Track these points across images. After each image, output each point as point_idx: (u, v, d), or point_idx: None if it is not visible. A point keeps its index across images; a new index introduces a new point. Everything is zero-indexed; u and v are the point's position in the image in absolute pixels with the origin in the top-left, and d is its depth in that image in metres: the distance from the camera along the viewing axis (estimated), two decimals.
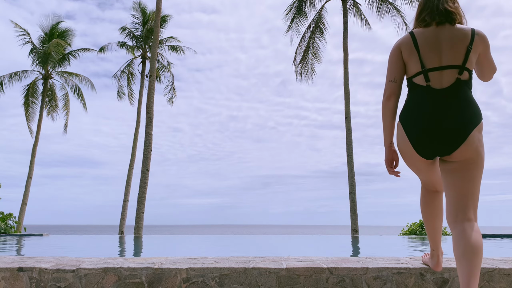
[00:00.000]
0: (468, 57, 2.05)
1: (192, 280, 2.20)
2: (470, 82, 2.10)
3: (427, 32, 2.12)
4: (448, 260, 2.49)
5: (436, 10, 2.14)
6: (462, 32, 2.08)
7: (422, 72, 2.09)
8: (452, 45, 2.06)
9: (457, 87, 2.04)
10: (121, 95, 25.46)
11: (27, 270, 2.24)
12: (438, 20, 2.12)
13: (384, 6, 18.00)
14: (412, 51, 2.12)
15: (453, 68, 2.05)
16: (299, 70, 19.32)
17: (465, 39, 2.06)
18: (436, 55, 2.07)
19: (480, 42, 2.08)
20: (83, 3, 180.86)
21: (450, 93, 2.03)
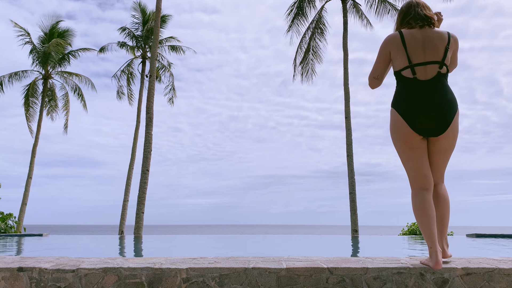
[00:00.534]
0: (446, 55, 2.50)
1: (192, 280, 2.20)
2: (447, 75, 2.56)
3: (413, 32, 2.54)
4: (448, 260, 2.48)
5: (418, 16, 2.60)
6: (441, 34, 2.54)
7: (410, 67, 2.50)
8: (433, 45, 2.50)
9: (438, 79, 2.49)
10: (120, 95, 25.46)
11: (27, 270, 2.24)
12: (420, 23, 2.57)
13: (383, 6, 18.00)
14: (400, 48, 2.53)
15: (435, 63, 2.48)
16: (299, 70, 19.32)
17: (444, 40, 2.52)
18: (421, 52, 2.49)
19: (454, 43, 2.57)
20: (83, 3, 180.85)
21: (433, 84, 2.47)
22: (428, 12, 2.61)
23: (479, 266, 2.25)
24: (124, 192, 22.31)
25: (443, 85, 2.49)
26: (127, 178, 22.50)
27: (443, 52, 2.49)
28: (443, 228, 2.51)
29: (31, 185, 22.57)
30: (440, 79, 2.48)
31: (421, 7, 2.64)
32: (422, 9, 2.62)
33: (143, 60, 25.24)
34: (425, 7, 2.66)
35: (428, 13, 2.60)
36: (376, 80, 2.68)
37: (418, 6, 2.65)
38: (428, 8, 2.66)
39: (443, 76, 2.50)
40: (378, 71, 2.65)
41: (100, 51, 25.41)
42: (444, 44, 2.50)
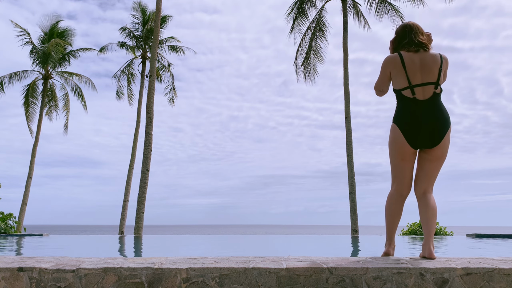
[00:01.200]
0: (440, 76, 2.79)
1: (192, 280, 2.20)
2: (441, 94, 2.83)
3: (411, 56, 2.81)
4: (448, 260, 2.49)
5: (412, 42, 2.86)
6: (435, 57, 2.81)
7: (410, 87, 2.79)
8: (429, 67, 2.78)
9: (434, 99, 2.78)
10: (120, 95, 25.45)
11: (27, 270, 2.24)
12: (415, 48, 2.84)
13: (383, 6, 17.99)
14: (400, 69, 2.82)
15: (431, 84, 2.77)
16: (301, 70, 19.31)
17: (437, 62, 2.80)
18: (418, 74, 2.77)
19: (445, 64, 2.85)
20: (84, 3, 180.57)
21: (430, 103, 2.76)
22: (421, 38, 2.88)
23: (479, 266, 2.25)
24: (124, 192, 22.30)
25: (439, 104, 2.79)
26: (127, 178, 22.49)
27: (437, 73, 2.78)
28: (430, 231, 2.77)
29: (31, 185, 22.57)
30: (435, 98, 2.79)
31: (415, 33, 2.90)
32: (416, 35, 2.89)
33: (143, 60, 25.23)
34: (418, 32, 2.92)
35: (421, 39, 2.87)
36: (381, 92, 3.03)
37: (412, 32, 2.91)
38: (421, 32, 2.93)
39: (438, 95, 2.80)
40: (381, 86, 2.98)
41: (100, 51, 25.40)
42: (437, 66, 2.79)
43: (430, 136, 2.75)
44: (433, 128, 2.73)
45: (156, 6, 17.24)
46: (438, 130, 2.74)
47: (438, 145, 2.77)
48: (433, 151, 2.81)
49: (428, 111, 2.74)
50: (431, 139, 2.76)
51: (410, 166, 2.88)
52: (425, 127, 2.73)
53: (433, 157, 2.83)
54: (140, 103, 23.79)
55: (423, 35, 2.91)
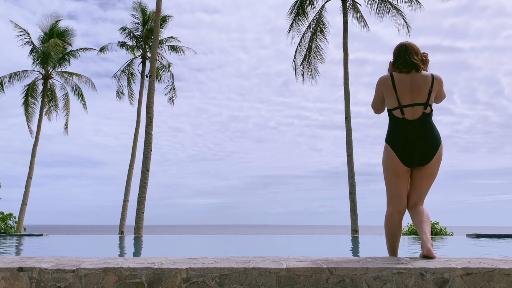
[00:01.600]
0: (430, 96, 2.88)
1: (192, 280, 2.20)
2: (431, 114, 2.93)
3: (402, 77, 2.92)
4: (448, 260, 2.49)
5: (406, 62, 2.95)
6: (425, 78, 2.90)
7: (399, 108, 2.91)
8: (419, 88, 2.87)
9: (423, 119, 2.88)
10: (120, 95, 25.45)
11: (27, 270, 2.24)
12: (408, 69, 2.93)
13: (383, 5, 17.98)
14: (391, 90, 2.94)
15: (420, 105, 2.87)
16: (300, 70, 19.30)
17: (427, 83, 2.89)
18: (408, 95, 2.88)
19: (437, 84, 2.92)
20: (85, 3, 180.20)
21: (419, 123, 2.87)
22: (415, 58, 2.96)
23: (479, 266, 2.25)
24: (124, 192, 22.30)
25: (428, 123, 2.89)
26: (127, 178, 22.49)
27: (427, 94, 2.87)
28: (425, 231, 2.84)
29: (31, 185, 22.57)
30: (425, 118, 2.89)
31: (409, 53, 2.98)
32: (410, 55, 2.97)
33: (143, 60, 25.22)
34: (413, 53, 3.00)
35: (415, 59, 2.95)
36: (378, 110, 3.16)
37: (407, 52, 3.00)
38: (416, 52, 3.01)
39: (427, 115, 2.90)
40: (376, 105, 3.12)
41: (100, 51, 25.39)
42: (428, 87, 2.88)
43: (421, 155, 2.87)
44: (423, 148, 2.85)
45: (156, 6, 17.24)
46: (428, 150, 2.86)
47: (429, 163, 2.90)
48: (425, 168, 2.93)
49: (418, 131, 2.86)
50: (421, 158, 2.88)
51: (405, 183, 2.99)
52: (416, 147, 2.85)
53: (425, 174, 2.95)
54: (140, 103, 23.79)
55: (418, 55, 3.00)
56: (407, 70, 2.93)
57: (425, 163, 2.89)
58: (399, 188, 2.98)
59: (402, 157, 2.89)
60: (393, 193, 3.00)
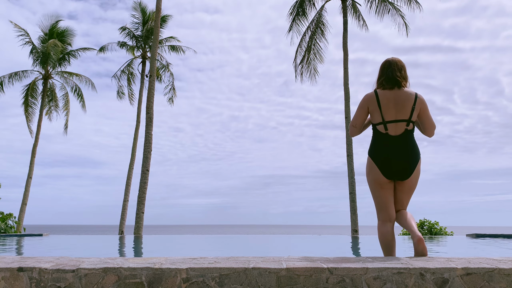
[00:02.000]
0: (412, 114, 2.97)
1: (192, 280, 2.20)
2: (413, 130, 3.06)
3: (386, 93, 3.01)
4: (448, 260, 2.49)
5: (389, 79, 3.04)
6: (408, 95, 3.00)
7: (383, 123, 3.01)
8: (402, 105, 2.97)
9: (406, 135, 3.00)
10: (121, 95, 25.44)
11: (27, 270, 2.24)
12: (391, 86, 3.02)
13: (383, 5, 17.97)
14: (376, 106, 3.02)
15: (403, 121, 2.98)
16: (300, 70, 19.29)
17: (410, 100, 2.98)
18: (392, 111, 2.97)
19: (420, 103, 3.01)
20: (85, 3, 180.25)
21: (401, 139, 2.99)
22: (397, 75, 3.04)
23: (479, 266, 2.25)
24: (124, 192, 22.30)
25: (409, 140, 3.00)
26: (127, 178, 22.49)
27: (410, 111, 2.97)
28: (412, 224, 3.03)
29: (31, 185, 22.56)
30: (407, 135, 3.00)
31: (392, 70, 3.06)
32: (393, 72, 3.05)
33: (143, 60, 25.22)
34: (396, 69, 3.07)
35: (397, 76, 3.03)
36: (355, 128, 3.17)
37: (389, 68, 3.08)
38: (400, 69, 3.08)
39: (410, 132, 3.01)
40: (357, 121, 3.14)
41: (100, 50, 25.38)
42: (411, 104, 2.97)
43: (400, 171, 3.00)
44: (402, 164, 2.98)
45: (156, 6, 17.24)
46: (407, 166, 2.99)
47: (409, 178, 3.04)
48: (404, 183, 3.08)
49: (399, 147, 2.98)
50: (401, 173, 3.01)
51: (390, 193, 3.12)
52: (396, 162, 2.98)
53: (404, 188, 3.11)
54: (140, 103, 23.79)
55: (401, 72, 3.07)
56: (390, 87, 3.02)
57: (405, 178, 3.04)
58: (385, 198, 3.11)
59: (382, 170, 3.02)
60: (380, 204, 3.12)
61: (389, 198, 3.10)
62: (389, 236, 3.09)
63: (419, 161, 3.03)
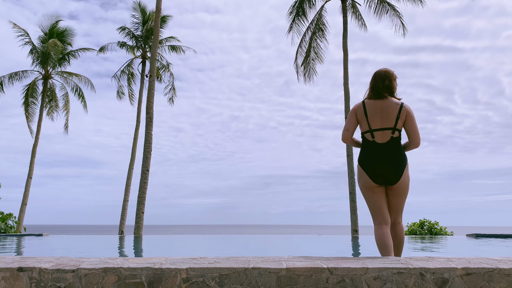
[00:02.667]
0: (397, 122, 3.12)
1: (192, 280, 2.20)
2: (399, 138, 3.18)
3: (372, 103, 3.18)
4: (448, 260, 2.49)
5: (375, 90, 3.22)
6: (394, 105, 3.15)
7: (370, 131, 3.18)
8: (387, 114, 3.13)
9: (392, 142, 3.14)
10: (120, 95, 25.43)
11: (27, 270, 2.24)
12: (376, 96, 3.20)
13: (382, 6, 17.97)
14: (363, 116, 3.19)
15: (388, 129, 3.12)
16: (301, 70, 19.29)
17: (395, 109, 3.13)
18: (378, 120, 3.13)
19: (404, 112, 3.14)
20: (86, 3, 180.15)
21: (388, 147, 3.13)
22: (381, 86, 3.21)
23: (479, 266, 2.25)
24: (124, 192, 22.30)
25: (395, 147, 3.14)
26: (127, 178, 22.49)
27: (394, 119, 3.11)
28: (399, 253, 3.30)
29: (31, 185, 22.57)
30: (393, 142, 3.14)
31: (377, 81, 3.23)
32: (378, 83, 3.22)
33: (143, 60, 25.22)
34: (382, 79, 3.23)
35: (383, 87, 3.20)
36: (347, 131, 3.30)
37: (376, 79, 3.25)
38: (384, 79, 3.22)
39: (395, 139, 3.15)
40: (349, 126, 3.30)
41: (100, 50, 25.37)
42: (395, 113, 3.12)
43: (388, 176, 3.14)
44: (389, 170, 3.12)
45: (156, 6, 17.24)
46: (394, 171, 3.12)
47: (397, 183, 3.17)
48: (394, 188, 3.20)
49: (385, 154, 3.13)
50: (389, 178, 3.15)
51: (381, 197, 3.25)
52: (383, 168, 3.13)
53: (395, 192, 3.23)
54: (140, 103, 23.78)
55: (385, 82, 3.22)
56: (375, 97, 3.19)
57: (393, 183, 3.17)
58: (377, 202, 3.24)
59: (371, 176, 3.18)
60: (373, 208, 3.25)
61: (381, 202, 3.23)
62: (385, 238, 3.16)
63: (406, 166, 3.17)
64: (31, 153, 23.09)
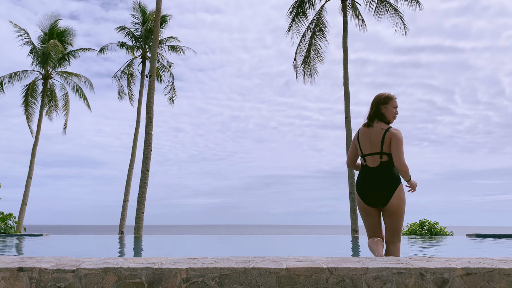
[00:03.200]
0: (382, 147, 3.31)
1: (192, 280, 2.20)
2: (389, 161, 3.32)
3: (363, 130, 3.45)
4: (448, 260, 2.49)
5: (367, 118, 3.46)
6: (379, 131, 3.35)
7: (362, 156, 3.43)
8: (374, 139, 3.35)
9: (381, 166, 3.33)
10: (121, 95, 25.42)
11: (27, 270, 2.24)
12: (366, 124, 3.45)
13: (382, 6, 17.96)
14: (357, 142, 3.49)
15: (376, 154, 3.33)
16: (300, 70, 19.29)
17: (380, 135, 3.33)
18: (368, 146, 3.37)
19: (388, 136, 3.30)
20: (87, 3, 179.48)
21: (377, 170, 3.33)
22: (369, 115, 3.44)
23: (479, 266, 2.25)
24: (124, 192, 22.29)
25: (385, 170, 3.31)
26: (127, 178, 22.47)
27: (379, 145, 3.32)
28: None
29: (31, 185, 22.56)
30: (382, 166, 3.32)
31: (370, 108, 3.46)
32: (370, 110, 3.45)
33: (143, 60, 25.21)
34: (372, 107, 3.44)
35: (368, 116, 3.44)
36: (348, 159, 3.62)
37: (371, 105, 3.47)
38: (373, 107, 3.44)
39: (384, 163, 3.32)
40: (349, 154, 3.61)
41: (100, 51, 25.37)
42: (380, 139, 3.32)
43: (378, 197, 3.32)
44: (377, 192, 3.30)
45: (156, 6, 17.24)
46: (383, 193, 3.29)
47: (388, 204, 3.31)
48: (387, 208, 3.35)
49: (375, 177, 3.32)
50: (379, 200, 3.33)
51: (375, 219, 3.45)
52: (372, 190, 3.33)
53: (388, 213, 3.36)
54: (140, 103, 23.77)
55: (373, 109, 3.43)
56: (367, 124, 3.44)
57: (384, 204, 3.33)
58: (370, 223, 3.47)
59: (362, 198, 3.40)
60: (368, 228, 3.50)
61: (374, 222, 3.46)
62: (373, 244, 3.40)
63: (397, 188, 3.30)
64: (31, 153, 23.09)
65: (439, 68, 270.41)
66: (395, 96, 3.45)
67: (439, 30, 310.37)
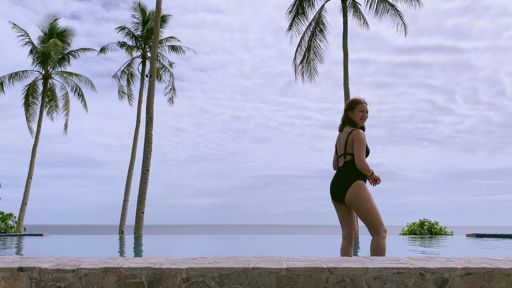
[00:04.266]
0: (346, 148, 3.64)
1: (192, 280, 2.20)
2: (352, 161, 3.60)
3: (338, 135, 3.80)
4: (448, 260, 2.49)
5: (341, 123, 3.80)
6: (344, 134, 3.68)
7: (338, 158, 3.76)
8: (342, 142, 3.68)
9: (344, 165, 3.65)
10: (122, 95, 25.43)
11: (27, 270, 2.24)
12: (339, 128, 3.81)
13: (382, 5, 17.96)
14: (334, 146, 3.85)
15: (342, 155, 3.67)
16: (300, 70, 19.28)
17: (344, 137, 3.66)
18: (339, 148, 3.72)
19: (350, 138, 3.59)
20: (88, 3, 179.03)
21: (340, 169, 3.69)
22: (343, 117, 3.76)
23: (479, 266, 2.25)
24: (124, 192, 22.29)
25: (345, 169, 3.62)
26: (127, 178, 22.48)
27: (344, 146, 3.64)
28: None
29: (31, 185, 22.56)
30: (345, 165, 3.64)
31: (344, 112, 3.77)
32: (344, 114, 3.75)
33: (143, 60, 25.21)
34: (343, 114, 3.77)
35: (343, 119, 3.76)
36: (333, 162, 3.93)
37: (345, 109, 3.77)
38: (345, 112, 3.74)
39: (347, 163, 3.63)
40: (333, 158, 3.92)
41: (100, 51, 25.37)
42: (344, 140, 3.65)
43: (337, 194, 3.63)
44: (336, 188, 3.63)
45: (156, 6, 17.24)
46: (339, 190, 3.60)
47: (345, 200, 3.60)
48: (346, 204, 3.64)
49: (336, 175, 3.69)
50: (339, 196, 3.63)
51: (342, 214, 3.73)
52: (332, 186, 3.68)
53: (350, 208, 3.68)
54: (140, 103, 23.77)
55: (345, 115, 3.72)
56: (339, 129, 3.80)
57: (342, 200, 3.63)
58: (339, 218, 3.77)
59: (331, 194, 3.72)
60: (339, 221, 3.79)
61: (341, 218, 3.74)
62: (342, 252, 3.68)
63: (352, 184, 3.56)
64: (31, 153, 23.09)
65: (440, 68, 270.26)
66: (362, 100, 3.72)
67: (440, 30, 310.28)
